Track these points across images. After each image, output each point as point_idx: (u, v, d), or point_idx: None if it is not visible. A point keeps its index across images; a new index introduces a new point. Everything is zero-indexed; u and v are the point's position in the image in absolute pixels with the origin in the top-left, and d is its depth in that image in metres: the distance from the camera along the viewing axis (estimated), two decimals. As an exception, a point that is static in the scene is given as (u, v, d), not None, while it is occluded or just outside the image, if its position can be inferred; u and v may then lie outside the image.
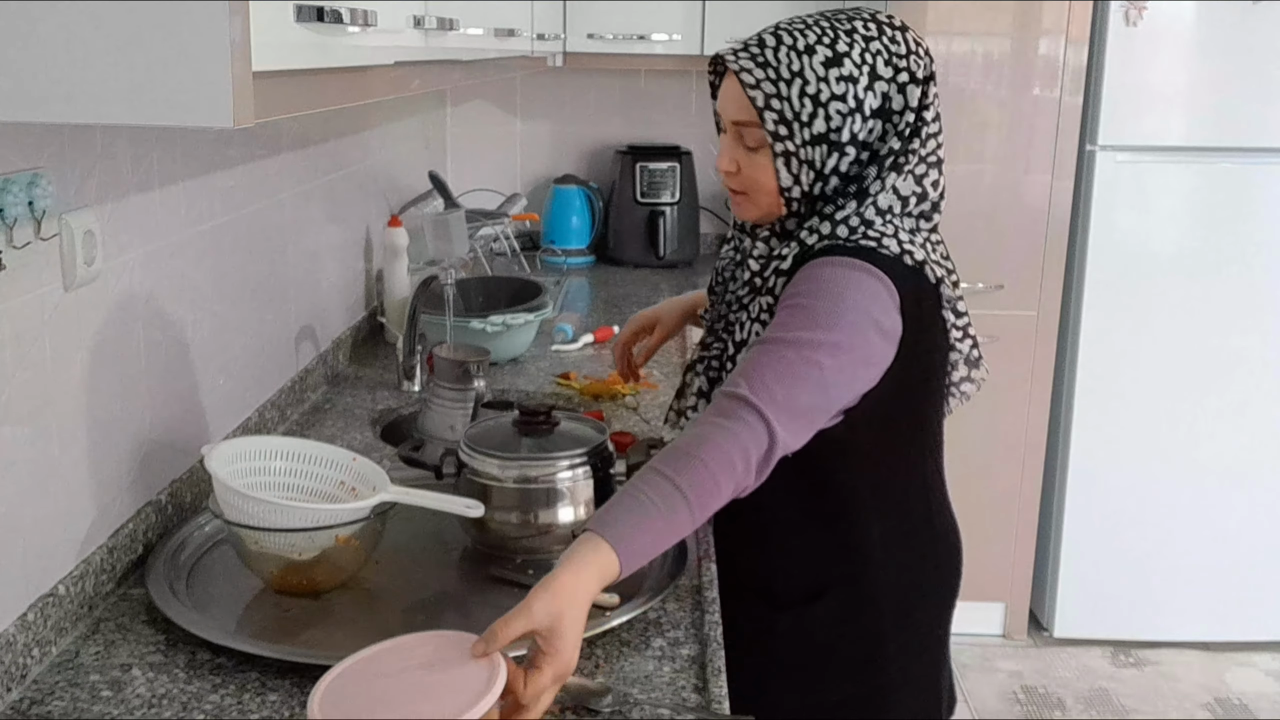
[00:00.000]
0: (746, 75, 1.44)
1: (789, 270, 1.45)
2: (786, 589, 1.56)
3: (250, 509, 1.42)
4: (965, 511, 3.69)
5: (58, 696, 1.27)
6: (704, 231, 3.83)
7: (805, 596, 1.55)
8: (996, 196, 3.24)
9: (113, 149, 1.47)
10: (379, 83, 1.39)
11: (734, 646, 1.45)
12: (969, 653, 3.42)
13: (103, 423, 1.48)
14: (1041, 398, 3.38)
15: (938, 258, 1.50)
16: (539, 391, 2.35)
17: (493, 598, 1.50)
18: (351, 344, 2.59)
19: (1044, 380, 3.37)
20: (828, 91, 1.43)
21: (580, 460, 1.60)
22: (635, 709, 1.25)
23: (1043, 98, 3.19)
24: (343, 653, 1.19)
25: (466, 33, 1.79)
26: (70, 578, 1.39)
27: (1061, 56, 3.15)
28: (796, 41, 1.44)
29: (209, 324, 1.81)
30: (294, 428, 2.13)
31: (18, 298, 1.29)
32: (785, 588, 1.56)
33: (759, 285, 1.50)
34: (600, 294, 3.33)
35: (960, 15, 3.17)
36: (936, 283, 1.46)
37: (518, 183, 3.86)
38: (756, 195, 1.50)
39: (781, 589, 1.57)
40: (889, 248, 1.42)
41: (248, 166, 1.95)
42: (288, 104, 1.07)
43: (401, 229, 2.65)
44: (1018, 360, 3.29)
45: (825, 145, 1.44)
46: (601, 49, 3.44)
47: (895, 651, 1.57)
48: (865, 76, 1.44)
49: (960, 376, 1.59)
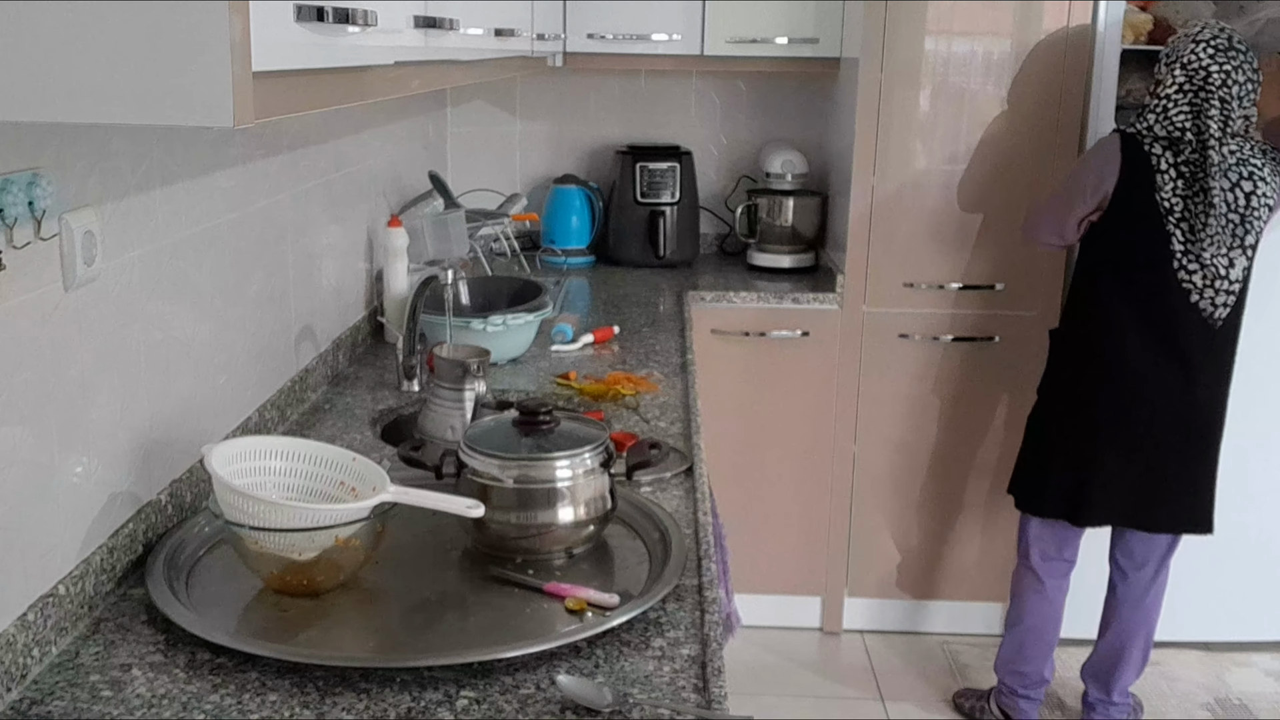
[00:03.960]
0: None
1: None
2: None
3: (250, 509, 1.42)
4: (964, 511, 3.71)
5: (58, 696, 1.27)
6: (704, 231, 3.83)
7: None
8: (996, 196, 3.24)
9: (113, 149, 1.47)
10: (379, 83, 1.39)
11: None
12: (969, 652, 3.42)
13: (103, 423, 1.48)
14: (1041, 398, 3.38)
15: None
16: (539, 391, 2.35)
17: (493, 598, 1.50)
18: (351, 344, 2.59)
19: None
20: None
21: (580, 460, 1.60)
22: (635, 709, 1.25)
23: (1043, 98, 3.19)
24: (343, 653, 1.19)
25: (466, 33, 1.79)
26: (70, 578, 1.39)
27: (1061, 56, 3.15)
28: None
29: (209, 324, 1.81)
30: (294, 428, 2.13)
31: (18, 298, 1.29)
32: None
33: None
34: (600, 294, 3.33)
35: (960, 15, 3.17)
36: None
37: (518, 183, 3.87)
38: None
39: None
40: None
41: (248, 166, 1.95)
42: (288, 104, 1.07)
43: (401, 229, 2.65)
44: (1018, 360, 3.29)
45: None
46: (601, 49, 3.44)
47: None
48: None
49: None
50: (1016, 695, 3.02)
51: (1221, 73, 2.65)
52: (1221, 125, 2.65)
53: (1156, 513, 2.83)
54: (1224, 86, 2.65)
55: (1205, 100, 2.66)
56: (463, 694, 1.28)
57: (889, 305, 3.32)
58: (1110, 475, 2.80)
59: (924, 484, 3.44)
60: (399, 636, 1.44)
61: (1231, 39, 2.68)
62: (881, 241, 3.29)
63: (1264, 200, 2.70)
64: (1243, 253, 2.71)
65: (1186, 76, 2.69)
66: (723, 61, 3.47)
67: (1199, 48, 2.68)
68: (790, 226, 3.63)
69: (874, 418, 3.40)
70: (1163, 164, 2.68)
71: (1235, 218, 2.68)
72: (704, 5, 3.41)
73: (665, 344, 2.75)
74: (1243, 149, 2.69)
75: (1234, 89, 2.65)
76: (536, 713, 1.25)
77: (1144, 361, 2.75)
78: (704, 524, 1.72)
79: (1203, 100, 2.66)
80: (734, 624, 2.46)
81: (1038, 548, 2.95)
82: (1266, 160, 2.71)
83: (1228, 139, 2.67)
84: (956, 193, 3.25)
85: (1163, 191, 2.68)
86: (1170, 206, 2.67)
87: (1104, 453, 2.80)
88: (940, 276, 3.30)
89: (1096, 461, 2.80)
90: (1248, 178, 2.68)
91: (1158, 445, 2.78)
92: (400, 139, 3.12)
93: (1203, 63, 2.67)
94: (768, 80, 3.79)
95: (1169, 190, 2.68)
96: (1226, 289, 2.71)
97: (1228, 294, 2.72)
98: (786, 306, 3.32)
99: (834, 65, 3.48)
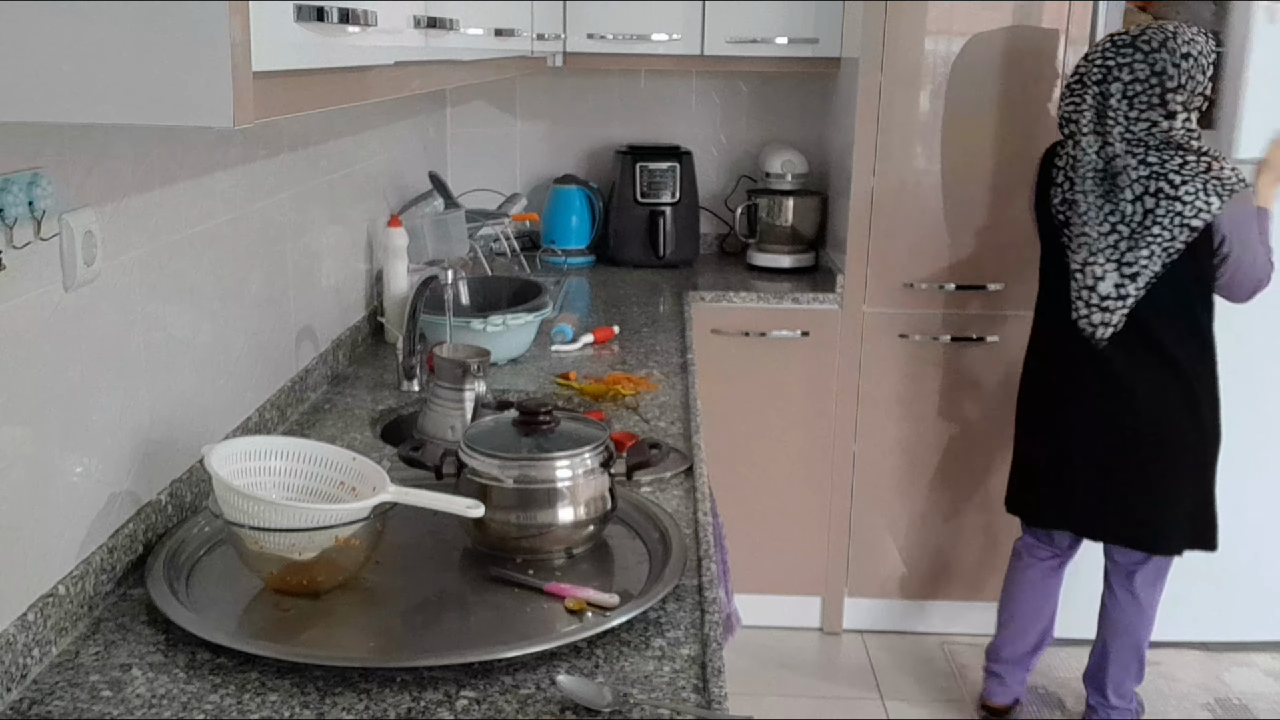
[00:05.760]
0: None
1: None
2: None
3: (250, 509, 1.42)
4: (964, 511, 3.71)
5: (58, 696, 1.27)
6: (704, 231, 3.83)
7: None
8: (997, 196, 3.24)
9: (113, 149, 1.47)
10: (379, 83, 1.39)
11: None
12: (969, 652, 3.42)
13: (103, 423, 1.48)
14: (1041, 398, 3.38)
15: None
16: (539, 391, 2.35)
17: (493, 598, 1.50)
18: (351, 344, 2.59)
19: (1044, 380, 3.37)
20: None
21: (580, 460, 1.60)
22: (635, 709, 1.25)
23: (1042, 98, 3.19)
24: (343, 653, 1.19)
25: (466, 33, 1.79)
26: (70, 578, 1.39)
27: (1061, 56, 3.15)
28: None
29: (209, 324, 1.81)
30: (294, 428, 2.13)
31: (18, 298, 1.29)
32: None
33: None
34: (600, 294, 3.33)
35: (960, 15, 3.17)
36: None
37: (518, 183, 3.87)
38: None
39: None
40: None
41: (248, 166, 1.95)
42: (288, 104, 1.07)
43: (401, 229, 2.65)
44: (1017, 360, 3.28)
45: None
46: (601, 49, 3.44)
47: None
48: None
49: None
50: (989, 673, 3.05)
51: (1102, 68, 2.59)
52: (1095, 120, 2.59)
53: (1094, 523, 2.84)
54: (1103, 82, 2.58)
55: (1081, 94, 2.62)
56: (463, 694, 1.28)
57: (889, 305, 3.32)
58: (1053, 482, 2.84)
59: (924, 484, 3.44)
60: (399, 636, 1.44)
61: (1138, 39, 2.58)
62: (881, 241, 3.29)
63: (1166, 223, 2.53)
64: (1117, 269, 2.59)
65: (1076, 71, 2.66)
66: (723, 61, 3.47)
67: (1100, 42, 2.65)
68: (790, 226, 3.63)
69: (874, 418, 3.40)
70: (1058, 175, 2.68)
71: (1125, 230, 2.57)
72: (704, 5, 3.41)
73: (665, 344, 2.75)
74: (1165, 163, 2.55)
75: (1113, 85, 2.57)
76: (536, 713, 1.25)
77: (1060, 373, 2.81)
78: (704, 524, 1.72)
79: (1079, 93, 2.62)
80: (734, 624, 2.46)
81: (1027, 531, 3.00)
82: (1199, 183, 2.52)
83: (1114, 140, 2.57)
84: (956, 193, 3.25)
85: (1055, 200, 2.70)
86: (1064, 216, 2.69)
87: (1043, 459, 2.85)
88: (940, 276, 3.30)
89: (1039, 466, 2.87)
90: (1154, 194, 2.54)
91: (1090, 457, 2.76)
92: (400, 139, 3.12)
93: (1090, 55, 2.64)
94: (768, 80, 3.79)
95: (1059, 199, 2.70)
96: (1099, 304, 2.63)
97: (1102, 310, 2.63)
98: (786, 306, 3.32)
99: (834, 65, 3.48)
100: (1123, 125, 2.58)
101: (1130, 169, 2.56)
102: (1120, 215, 2.58)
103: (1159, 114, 2.56)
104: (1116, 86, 2.58)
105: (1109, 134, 2.59)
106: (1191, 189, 2.52)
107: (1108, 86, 2.58)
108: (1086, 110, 2.62)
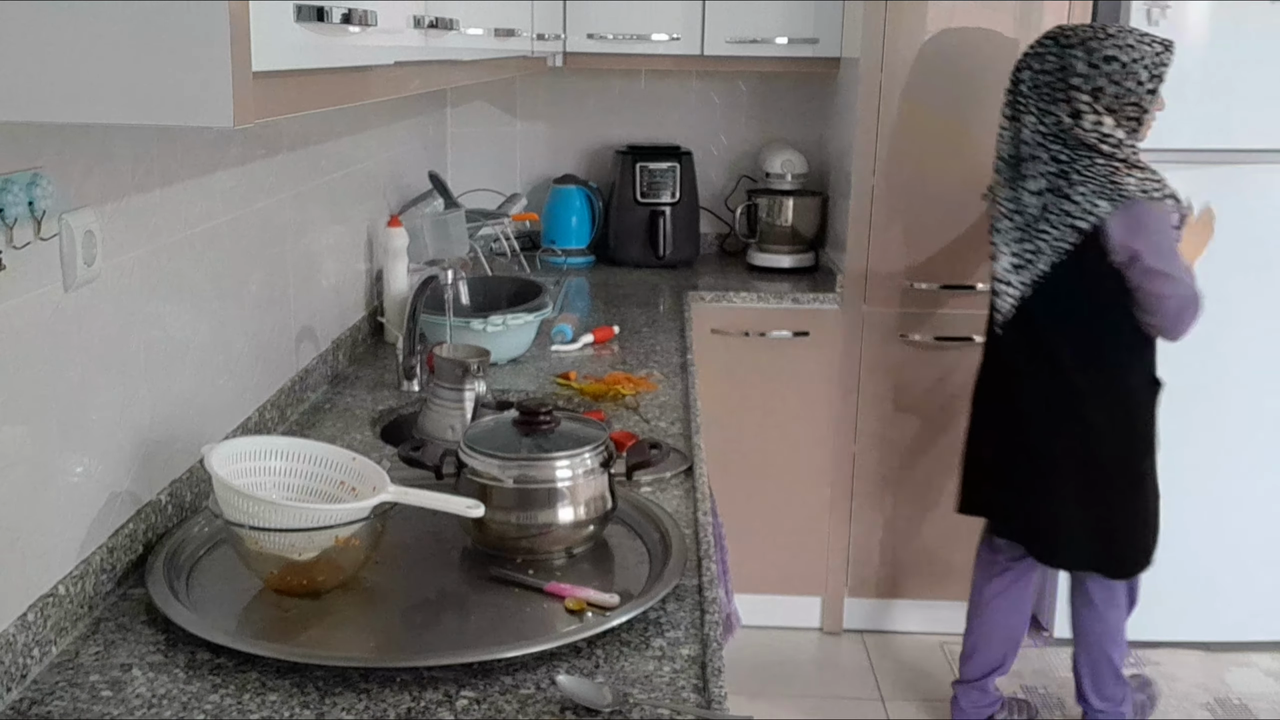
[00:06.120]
0: None
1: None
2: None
3: (250, 509, 1.42)
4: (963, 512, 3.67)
5: (58, 696, 1.27)
6: (704, 231, 3.83)
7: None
8: (996, 196, 3.24)
9: (113, 149, 1.47)
10: (379, 83, 1.39)
11: None
12: (969, 653, 3.42)
13: (103, 423, 1.48)
14: (1041, 398, 3.38)
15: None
16: (539, 391, 2.35)
17: (493, 598, 1.50)
18: (351, 344, 2.59)
19: (1044, 380, 3.37)
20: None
21: (580, 460, 1.60)
22: (635, 709, 1.25)
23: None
24: (343, 653, 1.19)
25: (466, 33, 1.79)
26: (70, 578, 1.39)
27: (1061, 56, 3.15)
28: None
29: (209, 324, 1.81)
30: (294, 428, 2.13)
31: (18, 298, 1.29)
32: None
33: None
34: (600, 294, 3.33)
35: (960, 15, 3.17)
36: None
37: (518, 183, 3.87)
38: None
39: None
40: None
41: (248, 166, 1.95)
42: (288, 104, 1.07)
43: (401, 229, 2.65)
44: (1018, 360, 3.29)
45: None
46: (601, 49, 3.44)
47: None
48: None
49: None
50: (958, 680, 3.02)
51: (1024, 56, 2.61)
52: (1009, 106, 2.61)
53: (998, 519, 2.86)
54: (1019, 70, 2.60)
55: (1011, 80, 2.63)
56: (463, 694, 1.28)
57: (889, 305, 3.32)
58: (972, 470, 2.88)
59: (924, 484, 3.44)
60: (399, 636, 1.44)
61: (1065, 33, 2.55)
62: (881, 242, 3.29)
63: (1056, 221, 2.50)
64: (1010, 254, 2.62)
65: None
66: (723, 61, 3.47)
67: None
68: (790, 226, 3.63)
69: (874, 418, 3.40)
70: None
71: (1020, 220, 2.59)
72: (704, 5, 3.41)
73: (665, 344, 2.75)
74: (1074, 162, 2.49)
75: (1024, 73, 2.57)
76: (536, 713, 1.25)
77: (982, 370, 2.86)
78: (704, 524, 1.72)
79: (1011, 79, 2.64)
80: (734, 624, 2.46)
81: (984, 537, 2.98)
82: (1094, 186, 2.46)
83: (1027, 130, 2.56)
84: (957, 193, 3.25)
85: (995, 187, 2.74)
86: (993, 197, 2.73)
87: (966, 449, 2.90)
88: (940, 277, 3.30)
89: (963, 454, 2.92)
90: (1053, 190, 2.52)
91: (991, 458, 2.80)
92: (400, 139, 3.12)
93: (1023, 49, 2.66)
94: (768, 80, 3.79)
95: (992, 182, 2.75)
96: (997, 282, 2.66)
97: (996, 294, 2.68)
98: (786, 306, 3.32)
99: (834, 65, 3.48)
100: (1034, 116, 2.56)
101: (1039, 161, 2.55)
102: (1019, 205, 2.60)
103: (1064, 110, 2.51)
104: (1027, 75, 2.59)
105: (1022, 122, 2.59)
106: (1084, 190, 2.47)
107: (1020, 74, 2.61)
108: (1006, 95, 2.65)
